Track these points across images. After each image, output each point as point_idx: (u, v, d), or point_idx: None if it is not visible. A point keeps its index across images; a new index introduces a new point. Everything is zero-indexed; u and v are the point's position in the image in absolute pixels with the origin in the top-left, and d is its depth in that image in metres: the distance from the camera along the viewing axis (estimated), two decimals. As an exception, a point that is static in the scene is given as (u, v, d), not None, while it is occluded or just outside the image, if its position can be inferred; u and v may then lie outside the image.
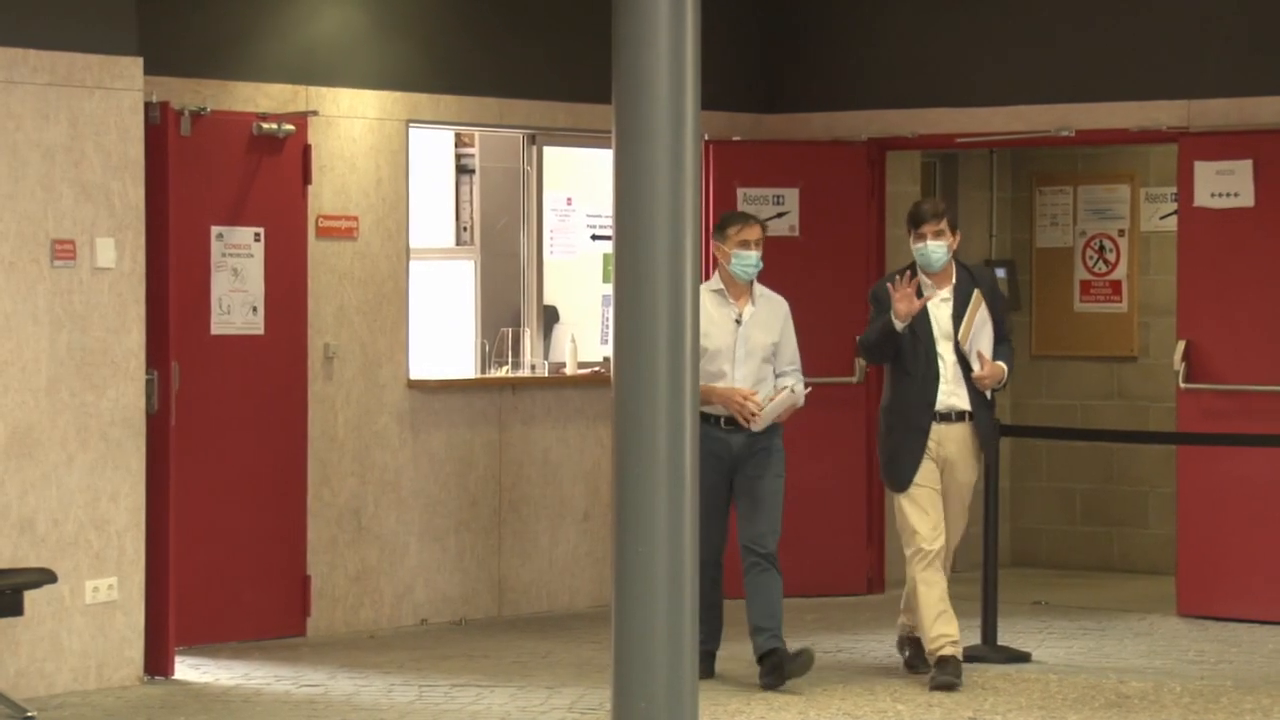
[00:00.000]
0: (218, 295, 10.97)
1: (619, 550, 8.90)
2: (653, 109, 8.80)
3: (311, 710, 9.50)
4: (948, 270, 9.91)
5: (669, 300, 8.78)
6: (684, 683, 8.77)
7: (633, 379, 8.81)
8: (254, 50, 11.22)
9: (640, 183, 8.82)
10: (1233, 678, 10.22)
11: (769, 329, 9.86)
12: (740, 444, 9.76)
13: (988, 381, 9.84)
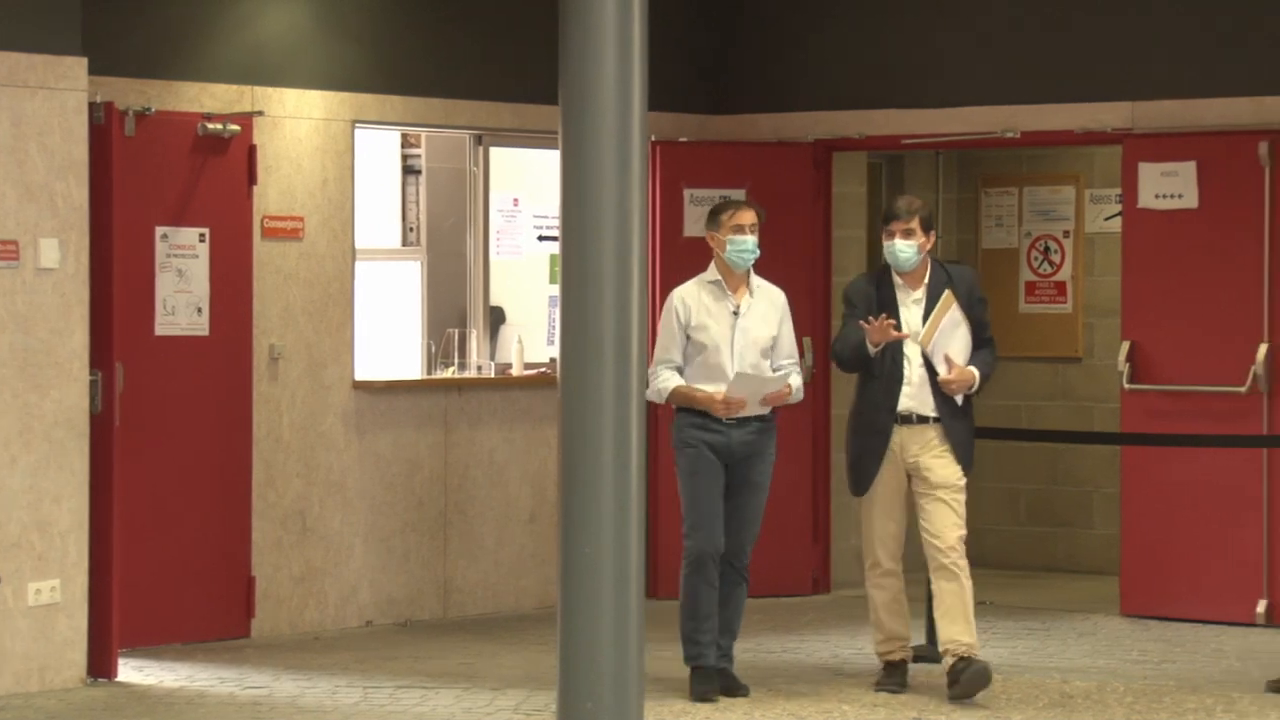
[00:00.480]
0: (162, 296, 10.95)
1: (565, 551, 8.91)
2: (599, 110, 8.81)
3: (255, 712, 9.48)
4: (921, 270, 9.63)
5: (615, 301, 8.78)
6: (630, 684, 8.78)
7: (579, 380, 8.81)
8: (199, 50, 11.20)
9: (587, 184, 8.82)
10: (1176, 677, 10.28)
11: (767, 321, 9.59)
12: (739, 439, 9.48)
13: (955, 387, 9.48)
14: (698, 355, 9.44)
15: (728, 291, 9.53)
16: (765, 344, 9.53)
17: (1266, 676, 10.06)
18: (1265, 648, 10.96)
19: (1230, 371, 11.77)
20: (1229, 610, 11.73)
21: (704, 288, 9.53)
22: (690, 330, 9.46)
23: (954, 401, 9.50)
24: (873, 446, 9.52)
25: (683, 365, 9.50)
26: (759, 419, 9.50)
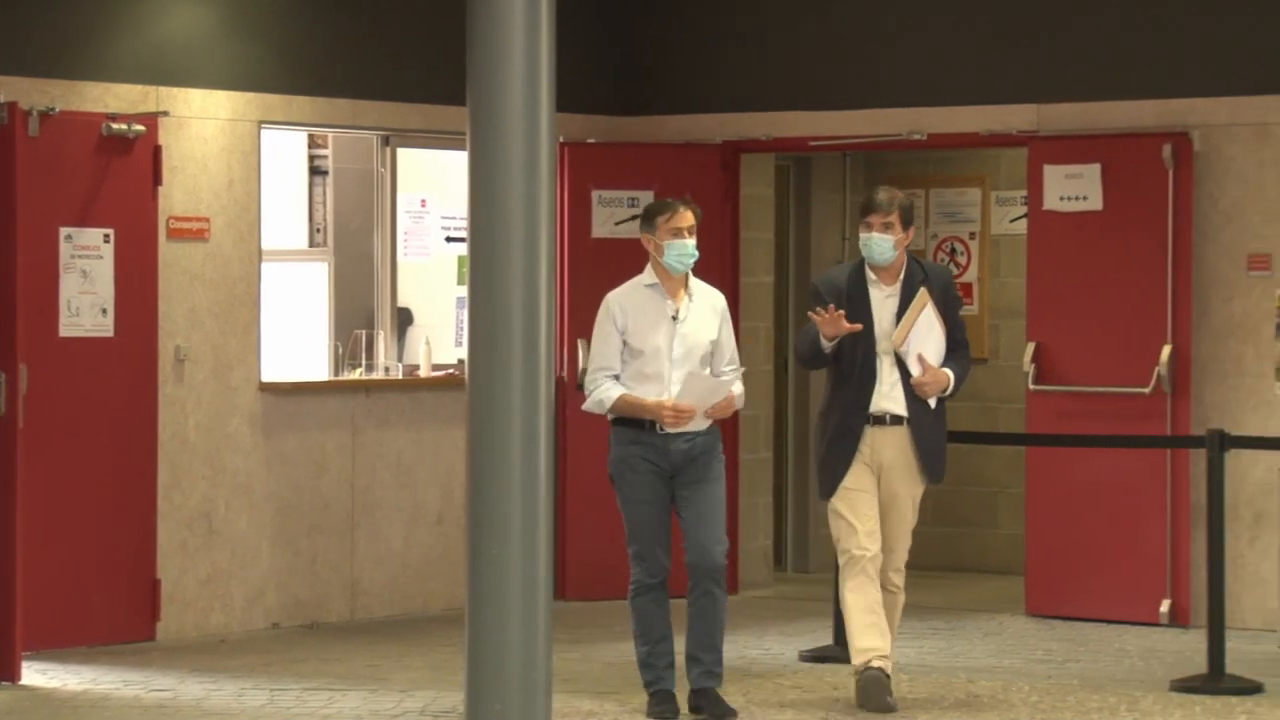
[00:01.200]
0: (66, 297, 10.90)
1: (473, 553, 8.91)
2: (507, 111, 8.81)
3: (161, 714, 9.45)
4: (896, 266, 9.18)
5: (523, 303, 8.79)
6: (537, 685, 8.78)
7: (487, 382, 8.81)
8: (104, 50, 11.16)
9: (495, 185, 8.83)
10: (1079, 677, 10.33)
11: (708, 325, 9.01)
12: (680, 450, 8.89)
13: (928, 388, 9.05)
14: (634, 362, 8.96)
15: (665, 295, 8.99)
16: (706, 350, 9.00)
17: (1170, 676, 10.16)
18: (1168, 647, 11.04)
19: (1134, 373, 11.84)
20: (1133, 610, 11.80)
21: (640, 291, 9.02)
22: (627, 336, 8.97)
23: (927, 404, 9.12)
24: (843, 449, 9.10)
25: (619, 373, 9.01)
26: (697, 432, 8.94)
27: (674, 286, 8.97)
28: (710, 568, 8.86)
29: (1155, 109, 11.94)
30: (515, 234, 8.89)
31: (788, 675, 10.26)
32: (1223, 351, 11.82)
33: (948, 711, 9.37)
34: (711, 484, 8.95)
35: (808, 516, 13.83)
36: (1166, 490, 11.80)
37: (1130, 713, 9.43)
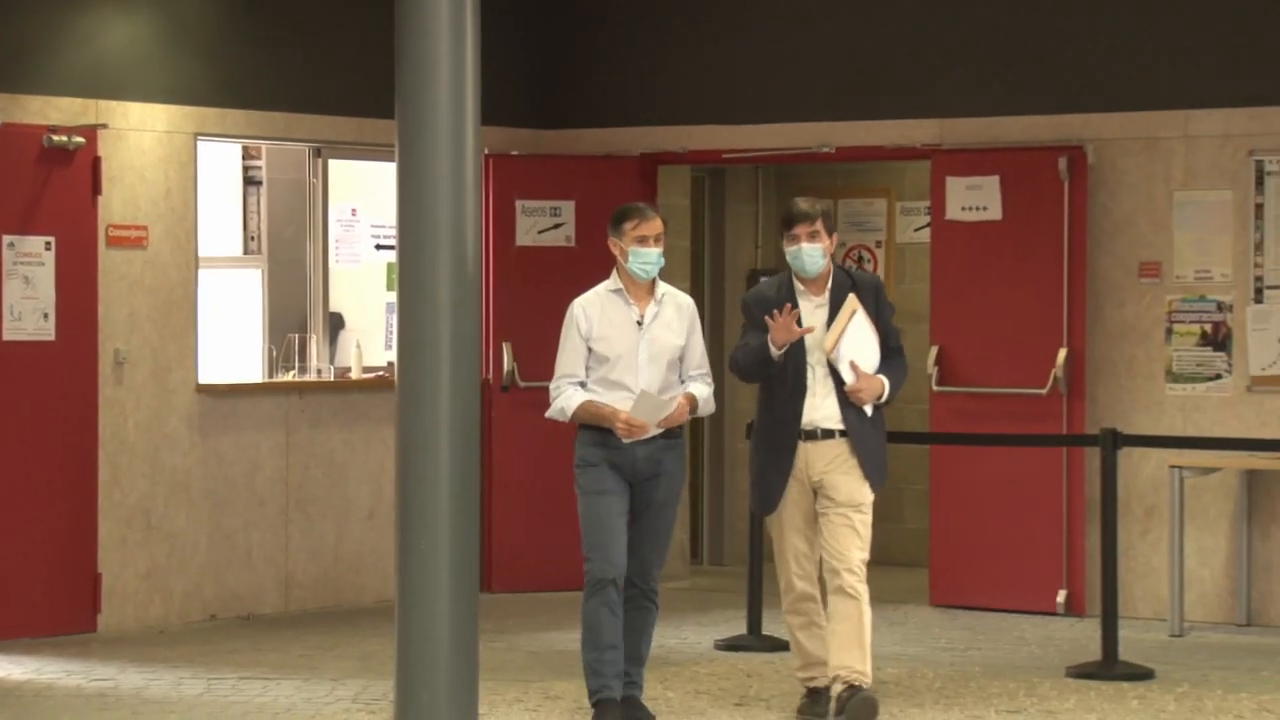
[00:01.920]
0: (9, 302, 10.84)
1: (402, 547, 8.91)
2: (434, 124, 8.82)
3: (102, 703, 9.39)
4: (824, 275, 8.58)
5: (451, 307, 8.81)
6: (465, 673, 8.79)
7: (416, 382, 8.83)
8: (44, 64, 11.10)
9: (423, 195, 8.83)
10: (980, 664, 10.37)
11: (675, 331, 8.50)
12: (644, 457, 8.43)
13: (863, 395, 8.42)
14: (600, 368, 8.47)
15: (631, 301, 8.50)
16: (673, 355, 8.50)
17: (1066, 662, 10.20)
18: (1065, 635, 11.09)
19: (1032, 374, 11.87)
20: (1031, 600, 11.85)
21: (606, 297, 8.52)
22: (592, 342, 8.48)
23: (863, 413, 8.50)
24: (777, 463, 8.53)
25: (585, 380, 8.53)
26: (663, 436, 8.45)
27: (639, 292, 8.52)
28: (647, 588, 8.57)
29: (1051, 124, 12.00)
30: (443, 242, 8.90)
31: (704, 664, 10.25)
32: (1116, 354, 11.87)
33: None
34: (668, 508, 8.59)
35: (722, 511, 13.84)
36: (1062, 486, 11.85)
37: (1028, 698, 9.44)
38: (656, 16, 13.07)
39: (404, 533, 8.95)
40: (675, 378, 8.48)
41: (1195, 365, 11.69)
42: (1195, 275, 11.71)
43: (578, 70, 13.27)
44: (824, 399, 8.41)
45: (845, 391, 8.38)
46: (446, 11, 8.85)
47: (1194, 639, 11.10)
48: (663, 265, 8.55)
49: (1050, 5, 12.06)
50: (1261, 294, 11.57)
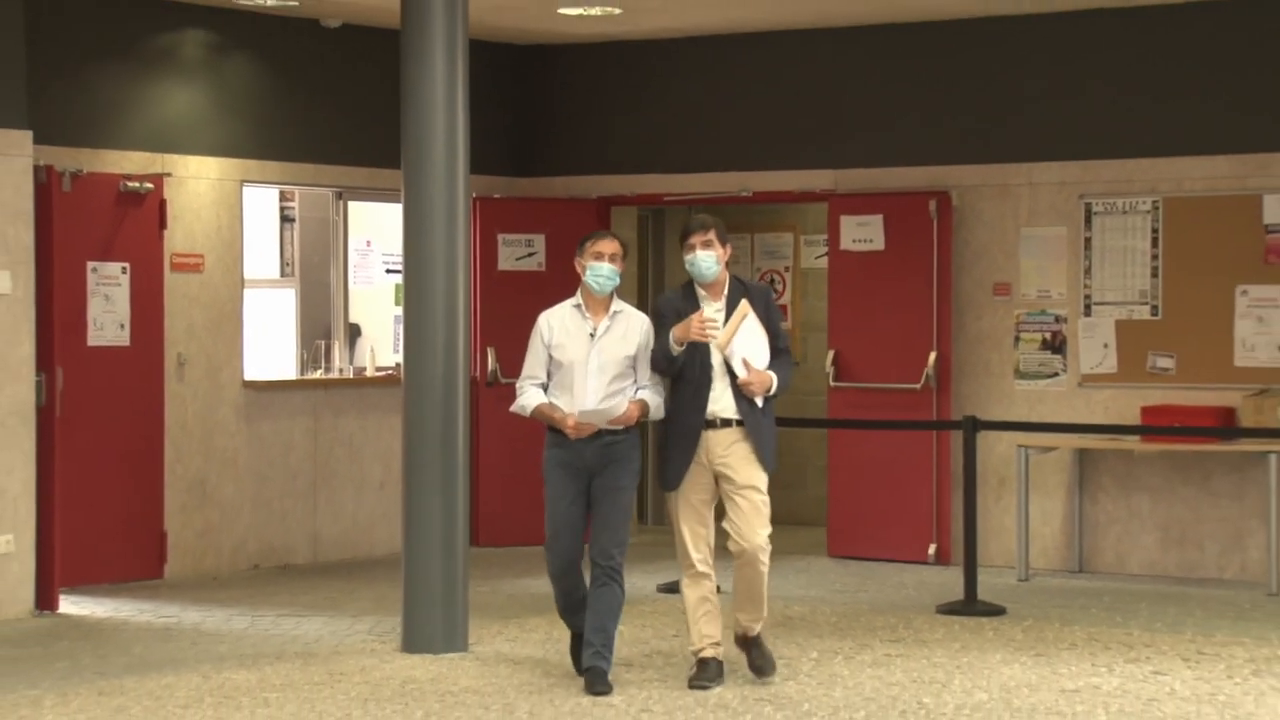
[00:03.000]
0: (92, 315, 10.84)
1: (407, 510, 9.03)
2: (432, 173, 8.92)
3: (167, 635, 9.41)
4: (720, 283, 7.95)
5: (445, 320, 8.91)
6: (457, 611, 8.90)
7: (417, 379, 8.94)
8: (120, 125, 11.11)
9: (423, 229, 8.93)
10: (868, 603, 10.41)
11: (625, 343, 7.92)
12: (593, 453, 7.88)
13: (754, 388, 7.85)
14: (557, 373, 7.94)
15: (587, 315, 7.96)
16: (622, 364, 7.90)
17: (935, 602, 10.25)
18: (934, 580, 11.11)
19: (908, 373, 11.88)
20: (908, 552, 11.88)
21: (567, 311, 8.01)
22: (551, 349, 7.95)
23: (755, 404, 7.90)
24: (683, 446, 7.89)
25: (547, 382, 7.98)
26: (611, 434, 7.87)
27: (596, 307, 7.97)
28: (608, 565, 7.87)
29: (924, 174, 12.00)
30: (439, 267, 9.02)
31: (648, 604, 10.26)
32: (974, 357, 11.89)
33: (774, 628, 9.18)
34: (621, 491, 7.93)
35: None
36: (932, 462, 11.87)
37: (906, 630, 9.48)
38: (609, 88, 13.07)
39: (408, 499, 9.04)
40: (626, 383, 7.92)
41: (1037, 365, 11.72)
42: (1037, 294, 11.72)
43: (546, 130, 13.28)
44: (722, 392, 7.83)
45: (739, 385, 7.83)
46: (442, 84, 8.93)
47: (1037, 583, 11.14)
48: (618, 283, 7.99)
49: (921, 81, 12.06)
50: (1090, 309, 11.59)
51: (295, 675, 8.35)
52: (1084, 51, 11.62)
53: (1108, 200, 11.54)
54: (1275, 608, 10.24)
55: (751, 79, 12.61)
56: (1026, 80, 11.78)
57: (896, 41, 12.12)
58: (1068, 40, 11.64)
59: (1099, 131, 11.57)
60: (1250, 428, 10.87)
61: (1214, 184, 11.29)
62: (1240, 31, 11.21)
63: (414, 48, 8.89)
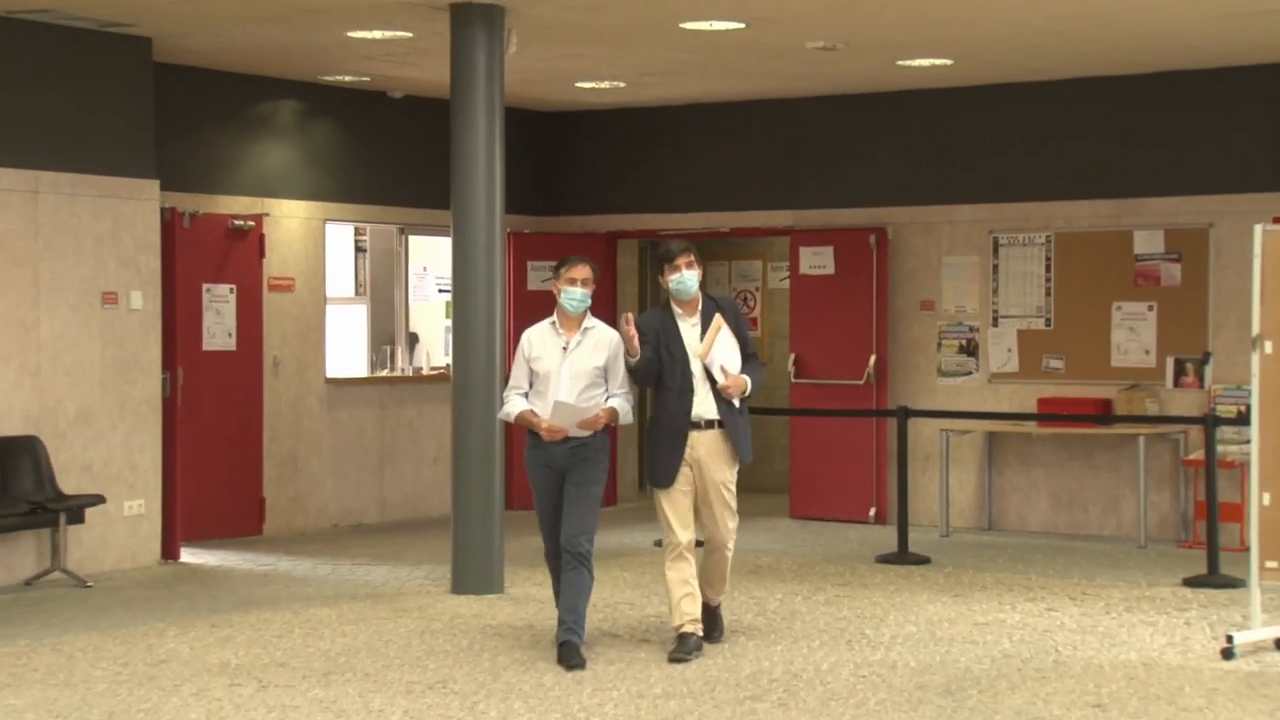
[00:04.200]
0: (207, 325, 10.88)
1: (456, 481, 9.08)
2: (475, 212, 8.97)
3: (265, 580, 9.45)
4: (695, 300, 7.30)
5: (485, 330, 8.96)
6: (494, 560, 8.93)
7: (463, 378, 8.98)
8: (228, 175, 11.16)
9: (468, 258, 8.98)
10: (821, 555, 10.41)
11: (594, 355, 7.20)
12: (565, 453, 7.16)
13: (731, 391, 7.20)
14: (537, 381, 7.25)
15: (561, 331, 7.26)
16: (592, 374, 7.18)
17: (875, 553, 10.25)
18: (873, 538, 11.08)
19: (854, 371, 11.87)
20: (853, 514, 11.86)
21: (545, 328, 7.33)
22: (530, 362, 7.27)
23: (732, 405, 7.29)
24: (674, 447, 7.21)
25: (528, 391, 7.29)
26: (581, 439, 7.19)
27: (569, 324, 7.27)
28: (575, 552, 7.09)
29: (865, 213, 12.00)
30: (480, 288, 9.07)
31: (645, 555, 10.25)
32: (906, 360, 11.89)
33: (744, 576, 9.35)
34: (589, 486, 7.16)
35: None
36: (873, 442, 11.85)
37: (852, 576, 9.48)
38: (616, 145, 13.06)
39: (456, 471, 9.09)
40: (597, 391, 7.19)
41: (955, 366, 11.72)
42: (955, 309, 11.73)
43: (565, 179, 13.29)
44: (704, 397, 7.19)
45: (718, 389, 7.21)
46: (483, 142, 8.97)
47: (955, 539, 11.16)
48: (589, 304, 7.28)
49: (864, 140, 12.05)
50: (997, 321, 11.58)
51: (366, 611, 8.39)
52: (993, 117, 11.64)
53: (1011, 235, 11.55)
54: (1143, 557, 10.28)
55: (728, 138, 12.62)
56: (947, 139, 11.79)
57: (844, 109, 12.13)
58: (980, 108, 11.66)
59: (1004, 181, 11.59)
60: (1123, 415, 10.90)
61: (1095, 222, 11.31)
62: (1114, 103, 11.25)
63: (461, 114, 8.94)
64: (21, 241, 9.32)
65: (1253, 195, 10.73)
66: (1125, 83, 11.18)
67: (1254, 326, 7.36)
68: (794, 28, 9.44)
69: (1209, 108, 10.93)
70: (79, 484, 9.51)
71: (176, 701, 6.42)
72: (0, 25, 9.16)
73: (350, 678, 6.84)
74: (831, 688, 6.64)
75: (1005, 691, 6.57)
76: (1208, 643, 7.53)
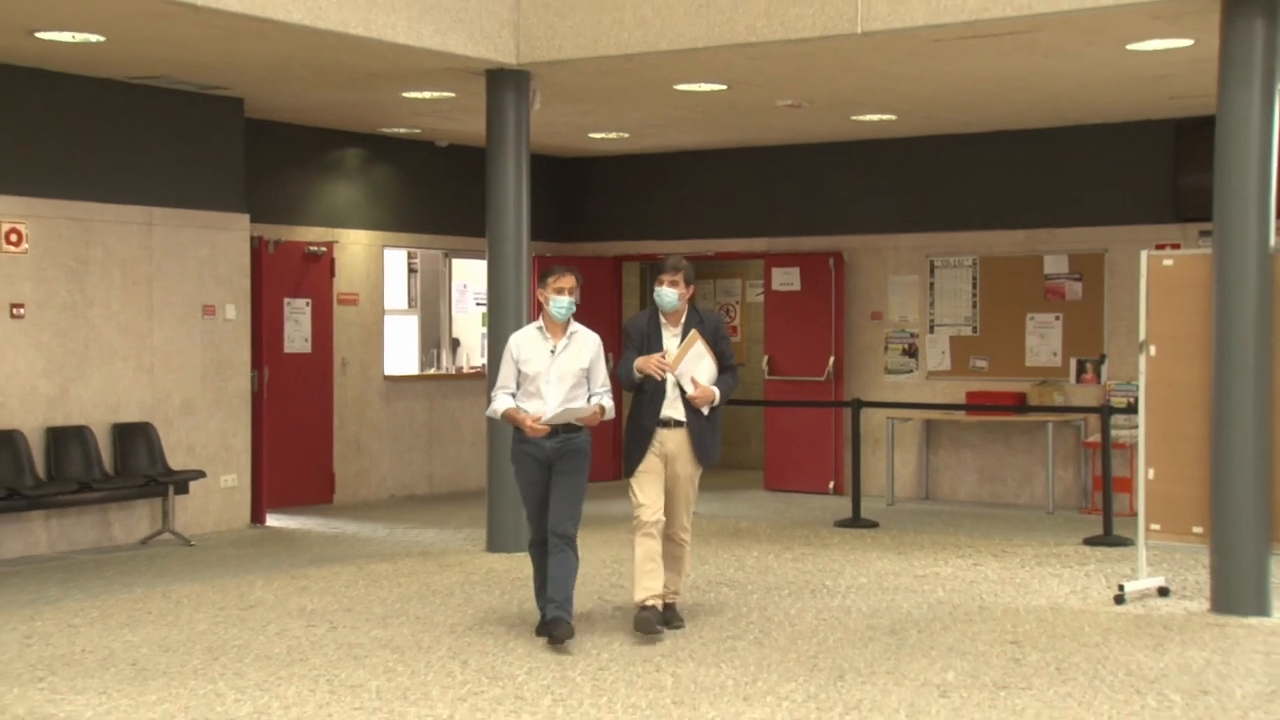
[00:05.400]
0: (287, 333, 10.90)
1: (490, 459, 9.08)
2: (506, 240, 9.00)
3: (335, 541, 9.44)
4: (679, 313, 6.63)
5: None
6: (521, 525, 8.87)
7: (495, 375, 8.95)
8: (305, 209, 11.18)
9: (500, 277, 9.01)
10: (789, 520, 10.36)
11: (579, 358, 6.46)
12: (551, 447, 6.38)
13: (698, 401, 6.50)
14: (525, 382, 6.46)
15: (548, 336, 6.50)
16: (578, 374, 6.44)
17: (834, 519, 10.22)
18: (833, 506, 11.05)
19: (817, 370, 11.85)
20: (816, 486, 11.82)
21: (532, 332, 6.55)
22: (519, 364, 6.48)
23: (700, 412, 6.56)
24: (642, 441, 6.54)
25: (515, 390, 6.49)
26: (566, 433, 6.40)
27: (555, 328, 6.50)
28: (562, 535, 6.32)
29: (826, 241, 11.98)
30: (510, 302, 9.08)
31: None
32: (859, 360, 11.85)
33: (726, 539, 9.33)
34: (573, 475, 6.39)
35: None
36: (832, 427, 11.80)
37: (815, 538, 9.44)
38: (621, 184, 13.02)
39: (490, 452, 9.07)
40: (581, 390, 6.47)
41: (899, 365, 11.69)
42: (899, 319, 11.70)
43: (580, 212, 13.25)
44: (673, 400, 6.51)
45: (687, 398, 6.53)
46: (512, 182, 8.97)
47: (899, 507, 11.10)
48: (574, 310, 6.53)
49: (825, 182, 12.01)
50: (933, 328, 11.55)
51: (417, 566, 8.38)
52: (930, 162, 11.64)
53: (944, 258, 11.54)
54: (1051, 522, 10.28)
55: (713, 179, 12.59)
56: (892, 180, 11.76)
57: (807, 155, 12.10)
58: (919, 154, 11.65)
59: (939, 214, 11.58)
60: (1035, 405, 10.89)
61: (1012, 248, 11.30)
62: (1028, 151, 11.24)
63: (495, 159, 8.97)
64: (138, 265, 9.38)
65: (1139, 226, 10.77)
66: (1037, 135, 11.21)
67: (1141, 333, 7.41)
68: (767, 89, 9.48)
69: (1104, 156, 10.96)
70: (184, 461, 9.54)
71: (263, 639, 6.46)
72: (122, 88, 9.23)
73: (404, 620, 6.85)
74: (798, 628, 6.65)
75: (939, 631, 6.59)
76: (1103, 591, 7.56)
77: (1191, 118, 10.42)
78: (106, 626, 6.74)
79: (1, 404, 8.68)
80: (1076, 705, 5.34)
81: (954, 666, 5.91)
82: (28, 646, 6.35)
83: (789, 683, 5.66)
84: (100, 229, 9.18)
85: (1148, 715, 5.23)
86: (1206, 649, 6.25)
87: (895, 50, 8.13)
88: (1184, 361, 7.23)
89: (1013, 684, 5.65)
